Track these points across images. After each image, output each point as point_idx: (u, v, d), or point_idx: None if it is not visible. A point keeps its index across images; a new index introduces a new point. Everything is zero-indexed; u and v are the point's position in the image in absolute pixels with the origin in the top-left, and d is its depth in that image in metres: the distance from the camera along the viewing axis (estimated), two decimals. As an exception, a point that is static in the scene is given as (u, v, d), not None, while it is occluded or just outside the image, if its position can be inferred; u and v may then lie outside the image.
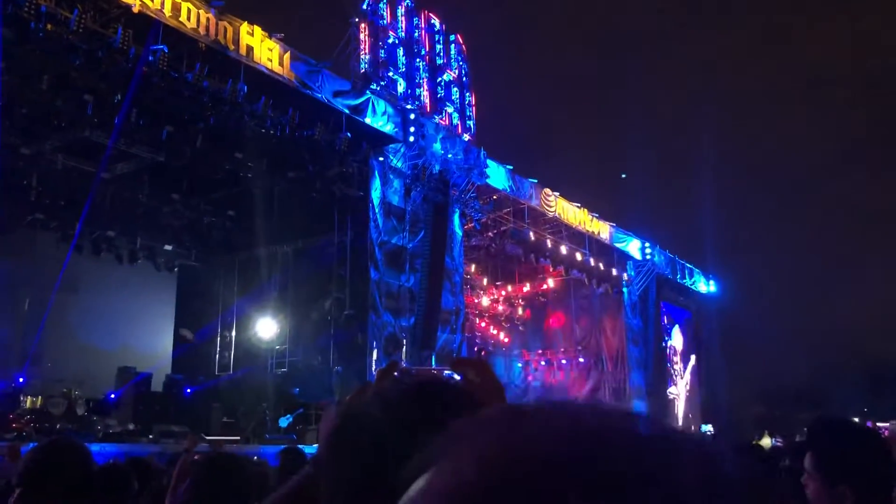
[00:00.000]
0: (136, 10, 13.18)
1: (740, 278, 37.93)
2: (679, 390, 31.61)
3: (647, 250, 28.97)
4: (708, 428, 30.96)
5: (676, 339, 32.36)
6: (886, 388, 38.60)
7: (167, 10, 13.67)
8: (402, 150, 18.76)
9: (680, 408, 31.39)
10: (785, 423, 29.95)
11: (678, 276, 31.74)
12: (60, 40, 12.56)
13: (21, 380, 15.25)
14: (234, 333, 20.89)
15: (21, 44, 12.34)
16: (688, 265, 32.74)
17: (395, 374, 1.41)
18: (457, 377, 1.41)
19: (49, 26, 12.35)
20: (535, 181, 23.89)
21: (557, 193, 24.75)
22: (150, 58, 13.38)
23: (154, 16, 13.46)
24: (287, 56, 15.86)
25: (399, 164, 18.84)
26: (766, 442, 23.07)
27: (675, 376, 31.53)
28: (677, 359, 32.10)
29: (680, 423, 30.75)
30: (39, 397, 14.95)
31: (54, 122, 14.86)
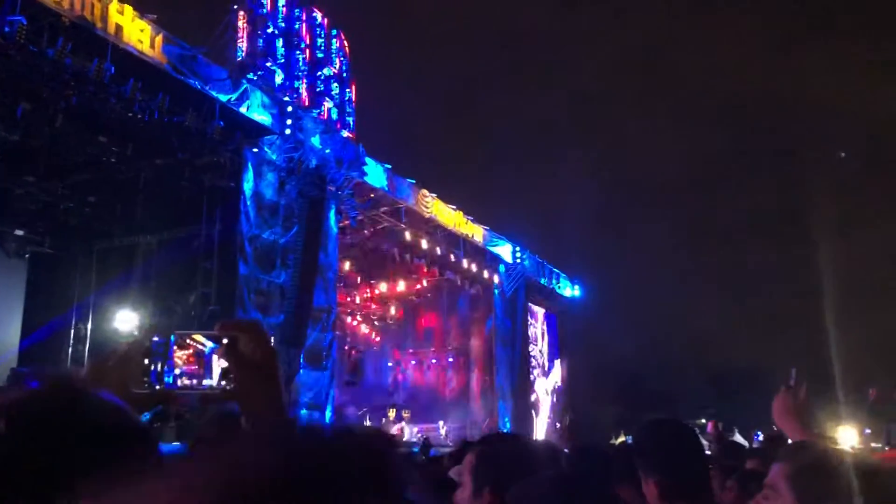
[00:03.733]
0: (-9, -23, 12.27)
1: (602, 284, 39.58)
2: (540, 391, 32.50)
3: (518, 254, 29.72)
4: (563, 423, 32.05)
5: (541, 342, 33.37)
6: (730, 391, 41.29)
7: (27, -20, 12.80)
8: (278, 142, 18.37)
9: (544, 408, 32.36)
10: (639, 424, 31.45)
11: (545, 279, 32.74)
12: None
13: None
14: (89, 326, 19.78)
15: None
16: (555, 269, 33.84)
17: (155, 338, 1.35)
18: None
19: None
20: (413, 181, 24.01)
21: (434, 195, 24.97)
22: (7, 28, 12.48)
23: (12, -15, 12.57)
24: (159, 38, 15.20)
25: (274, 157, 18.43)
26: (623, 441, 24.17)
27: (537, 377, 32.41)
28: (540, 352, 33.02)
29: (543, 422, 31.74)
30: None
31: None
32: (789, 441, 2.90)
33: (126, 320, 18.69)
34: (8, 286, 20.50)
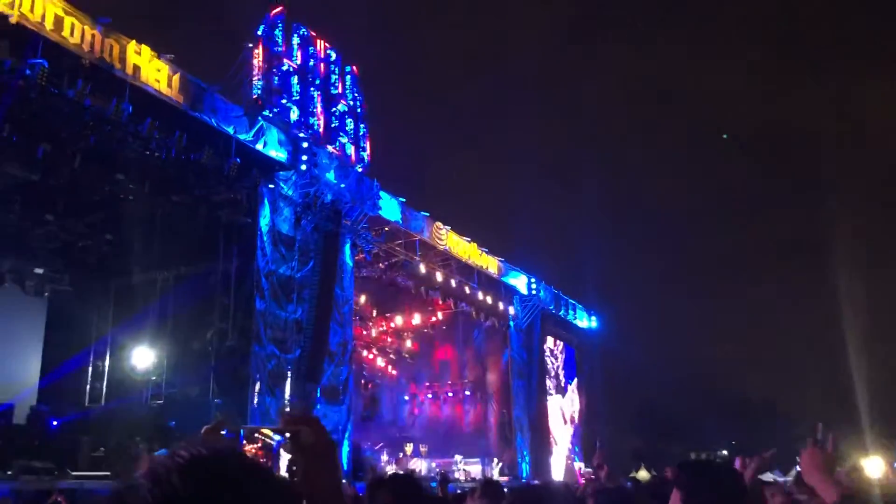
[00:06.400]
0: (13, 20, 12.54)
1: (619, 315, 39.36)
2: (555, 415, 32.05)
3: (533, 286, 29.63)
4: (581, 465, 31.60)
5: (558, 373, 33.12)
6: (752, 421, 40.76)
7: (49, 24, 13.08)
8: (294, 177, 18.53)
9: (561, 440, 32.00)
10: (658, 456, 31.08)
11: (562, 311, 32.59)
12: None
13: None
14: (107, 363, 19.85)
15: None
16: (571, 301, 33.69)
17: (223, 432, 1.39)
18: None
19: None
20: (427, 214, 24.11)
21: (448, 227, 25.04)
22: (28, 72, 12.73)
23: (34, 28, 12.84)
24: (177, 77, 15.44)
25: (290, 192, 18.58)
26: (644, 475, 23.78)
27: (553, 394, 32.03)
28: (555, 377, 32.73)
29: (562, 454, 31.36)
30: None
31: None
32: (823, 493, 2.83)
33: (143, 357, 18.75)
34: (28, 324, 20.62)
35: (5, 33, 12.49)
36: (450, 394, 30.89)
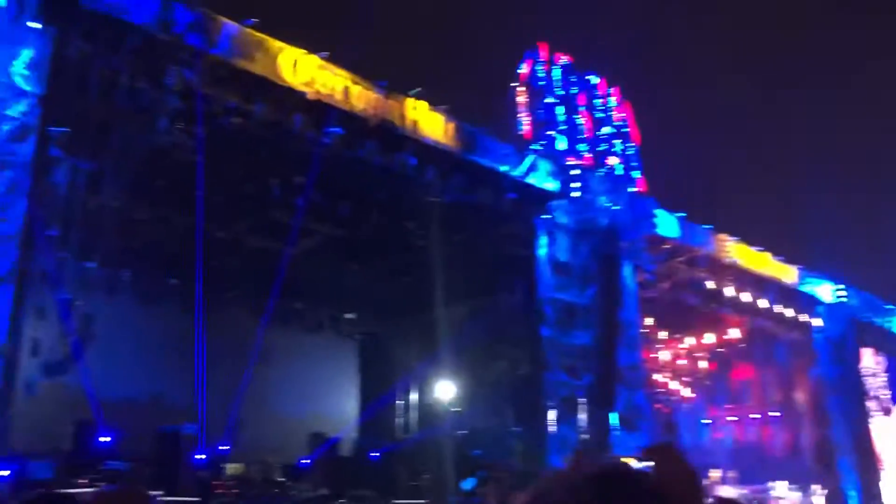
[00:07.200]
0: (310, 97, 14.26)
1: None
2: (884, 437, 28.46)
3: (841, 292, 26.83)
4: None
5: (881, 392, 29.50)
6: None
7: (338, 94, 14.69)
8: (567, 205, 18.76)
9: (894, 464, 28.36)
10: None
11: (879, 318, 29.09)
12: (246, 132, 13.79)
13: (224, 448, 16.24)
14: (413, 396, 21.37)
15: (214, 138, 13.60)
16: (890, 306, 29.94)
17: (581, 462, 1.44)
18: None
19: (237, 120, 13.62)
20: (710, 227, 22.99)
21: (736, 238, 23.64)
22: (326, 140, 14.35)
23: (327, 101, 14.49)
24: (451, 126, 16.47)
25: (565, 220, 18.82)
26: None
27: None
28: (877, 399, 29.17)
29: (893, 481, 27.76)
30: (242, 465, 15.93)
31: (245, 206, 16.18)
32: None
33: (444, 390, 19.91)
34: (345, 365, 22.98)
35: (306, 108, 14.23)
36: (754, 415, 28.86)
